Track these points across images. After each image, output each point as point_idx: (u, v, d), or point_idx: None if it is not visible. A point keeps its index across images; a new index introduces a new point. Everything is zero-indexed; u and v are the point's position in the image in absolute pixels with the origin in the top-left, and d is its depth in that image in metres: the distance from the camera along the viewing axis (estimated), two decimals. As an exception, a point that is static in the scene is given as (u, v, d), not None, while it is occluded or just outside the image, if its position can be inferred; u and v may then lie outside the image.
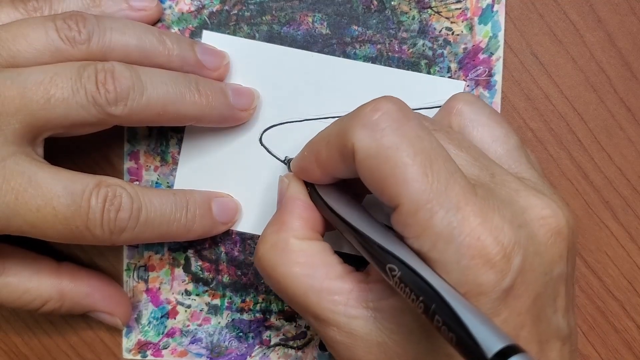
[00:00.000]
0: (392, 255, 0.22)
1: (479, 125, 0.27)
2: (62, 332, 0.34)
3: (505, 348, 0.17)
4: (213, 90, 0.29)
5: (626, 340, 0.34)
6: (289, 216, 0.26)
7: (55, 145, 0.29)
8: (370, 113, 0.22)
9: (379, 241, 0.22)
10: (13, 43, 0.26)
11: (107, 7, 0.29)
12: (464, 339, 0.18)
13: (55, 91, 0.25)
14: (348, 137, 0.22)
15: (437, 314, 0.19)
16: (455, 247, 0.21)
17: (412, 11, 0.32)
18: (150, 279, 0.33)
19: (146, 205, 0.27)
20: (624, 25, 0.32)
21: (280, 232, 0.26)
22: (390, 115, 0.22)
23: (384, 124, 0.22)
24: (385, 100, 0.23)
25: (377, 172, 0.22)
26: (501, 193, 0.23)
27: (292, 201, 0.27)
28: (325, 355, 0.33)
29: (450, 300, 0.19)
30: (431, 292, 0.19)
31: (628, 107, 0.32)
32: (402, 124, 0.22)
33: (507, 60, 0.32)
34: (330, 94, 0.32)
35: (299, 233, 0.26)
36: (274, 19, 0.32)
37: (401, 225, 0.22)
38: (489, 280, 0.21)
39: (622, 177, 0.33)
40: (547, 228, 0.23)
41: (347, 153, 0.23)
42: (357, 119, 0.23)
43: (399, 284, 0.21)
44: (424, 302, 0.19)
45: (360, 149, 0.22)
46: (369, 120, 0.22)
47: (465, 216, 0.21)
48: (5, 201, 0.25)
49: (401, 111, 0.22)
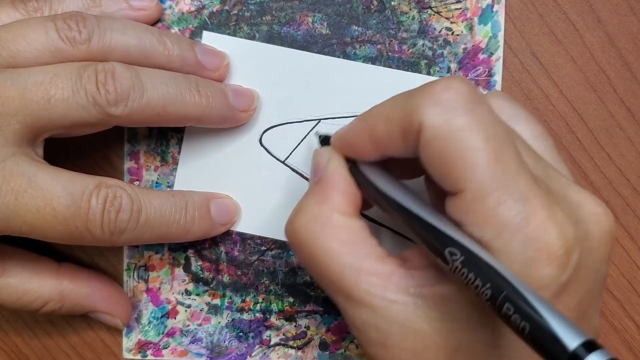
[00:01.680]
0: (451, 239, 0.21)
1: (520, 121, 0.26)
2: (62, 332, 0.34)
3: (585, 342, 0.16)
4: (213, 91, 0.29)
5: (626, 340, 0.34)
6: (332, 190, 0.25)
7: (55, 145, 0.29)
8: (442, 91, 0.21)
9: (436, 224, 0.22)
10: (13, 43, 0.26)
11: (107, 7, 0.29)
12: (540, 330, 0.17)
13: (55, 92, 0.25)
14: (415, 114, 0.21)
15: (507, 303, 0.18)
16: (521, 237, 0.20)
17: (412, 11, 0.32)
18: (150, 278, 0.33)
19: (146, 206, 0.27)
20: (623, 25, 0.32)
21: (322, 205, 0.25)
22: (463, 95, 0.21)
23: (456, 104, 0.21)
24: (457, 80, 0.22)
25: (445, 153, 0.21)
26: (555, 187, 0.23)
27: (335, 175, 0.25)
28: (325, 355, 0.33)
29: (522, 289, 0.18)
30: (500, 279, 0.19)
31: (628, 107, 0.32)
32: (475, 106, 0.21)
33: (507, 60, 0.32)
34: (330, 95, 0.32)
35: (342, 208, 0.24)
36: (274, 19, 0.32)
37: (462, 211, 0.21)
38: (550, 274, 0.20)
39: (622, 177, 0.33)
40: (601, 226, 0.23)
41: (411, 131, 0.22)
42: (427, 96, 0.22)
43: (459, 270, 0.20)
44: (491, 289, 0.19)
45: (428, 128, 0.21)
46: (441, 99, 0.21)
47: (533, 208, 0.20)
48: (5, 202, 0.25)
49: (474, 93, 0.22)
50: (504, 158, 0.21)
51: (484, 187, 0.20)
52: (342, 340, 0.33)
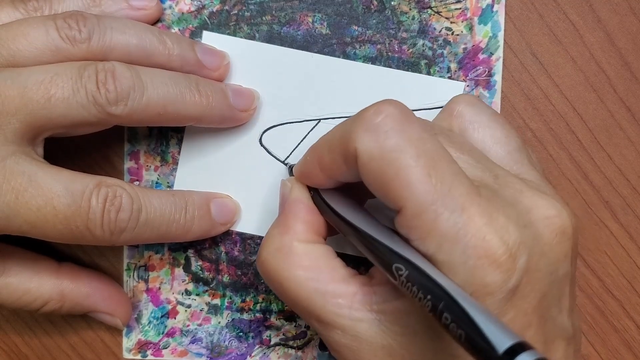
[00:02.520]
0: (398, 255, 0.21)
1: (480, 127, 0.27)
2: (62, 332, 0.34)
3: (515, 345, 0.17)
4: (213, 91, 0.29)
5: (626, 339, 0.34)
6: (293, 219, 0.26)
7: (55, 145, 0.29)
8: (372, 116, 0.22)
9: (384, 242, 0.22)
10: (13, 42, 0.26)
11: (107, 7, 0.29)
12: (473, 336, 0.18)
13: (55, 91, 0.25)
14: (350, 141, 0.22)
15: (445, 312, 0.19)
16: (461, 247, 0.21)
17: (412, 11, 0.32)
18: (150, 278, 0.33)
19: (146, 206, 0.27)
20: (623, 25, 0.32)
21: (283, 235, 0.26)
22: (393, 117, 0.22)
23: (386, 127, 0.22)
24: (387, 104, 0.23)
25: (380, 174, 0.22)
26: (505, 194, 0.23)
27: (295, 204, 0.26)
28: (325, 355, 0.33)
29: (458, 298, 0.19)
30: (439, 290, 0.19)
31: (628, 107, 0.32)
32: (404, 126, 0.22)
33: (507, 60, 0.32)
34: (330, 95, 0.32)
35: (302, 236, 0.26)
36: (274, 19, 0.32)
37: (406, 227, 0.22)
38: (496, 280, 0.21)
39: (622, 177, 0.33)
40: (552, 228, 0.23)
41: (349, 157, 0.23)
42: (359, 122, 0.22)
43: (405, 284, 0.21)
44: (431, 300, 0.19)
45: (363, 152, 0.22)
46: (372, 124, 0.22)
47: (470, 217, 0.21)
48: (6, 201, 0.25)
49: (403, 114, 0.22)
50: (436, 172, 0.21)
51: (420, 202, 0.21)
52: (342, 340, 0.33)
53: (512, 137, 0.27)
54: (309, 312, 0.25)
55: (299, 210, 0.26)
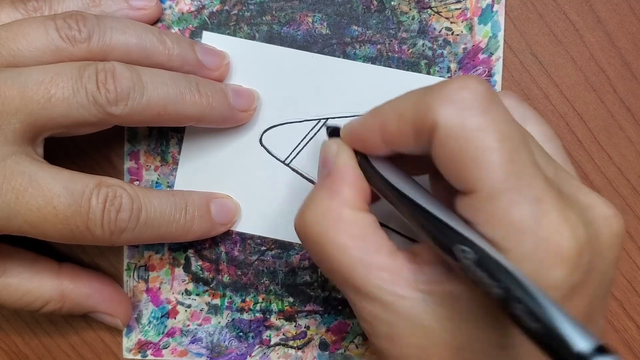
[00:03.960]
0: (462, 237, 0.20)
1: (531, 122, 0.26)
2: (62, 331, 0.34)
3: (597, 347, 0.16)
4: (213, 91, 0.29)
5: (626, 340, 0.34)
6: (342, 184, 0.25)
7: (55, 145, 0.29)
8: (457, 90, 0.21)
9: (447, 220, 0.21)
10: (13, 42, 0.26)
11: (107, 7, 0.30)
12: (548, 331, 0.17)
13: (55, 91, 0.25)
14: (429, 112, 0.21)
15: (517, 303, 0.18)
16: (533, 239, 0.20)
17: (412, 11, 0.32)
18: (150, 278, 0.33)
19: (146, 206, 0.27)
20: (623, 25, 0.32)
21: (332, 199, 0.24)
22: (479, 95, 0.21)
23: (471, 103, 0.21)
24: (473, 79, 0.21)
25: (459, 152, 0.21)
26: (566, 189, 0.22)
27: (343, 169, 0.25)
28: (325, 355, 0.33)
29: (533, 290, 0.18)
30: (511, 279, 0.19)
31: (628, 107, 0.32)
32: (490, 105, 0.21)
33: (507, 60, 0.32)
34: (330, 95, 0.32)
35: (352, 203, 0.24)
36: (274, 19, 0.32)
37: (474, 210, 0.21)
38: (561, 276, 0.20)
39: (622, 177, 0.33)
40: (611, 228, 0.22)
41: (424, 129, 0.22)
42: (442, 94, 0.21)
43: (470, 267, 0.20)
44: (501, 288, 0.19)
45: (443, 127, 0.21)
46: (456, 97, 0.21)
47: (547, 209, 0.20)
48: (6, 200, 0.25)
49: (489, 92, 0.21)
50: (518, 159, 0.21)
51: (497, 187, 0.20)
52: (342, 340, 0.33)
53: (557, 137, 0.26)
54: (348, 281, 0.24)
55: (348, 175, 0.25)
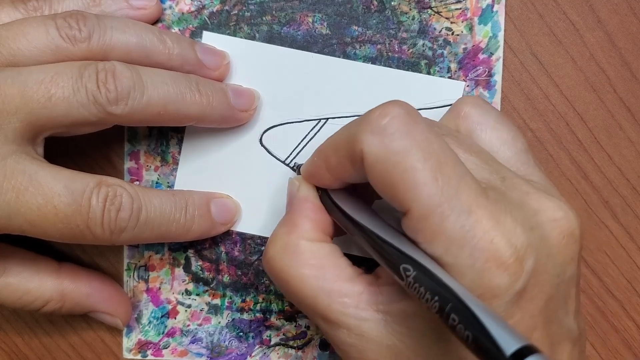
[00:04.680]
0: (405, 256, 0.21)
1: (487, 128, 0.27)
2: (62, 331, 0.34)
3: (522, 348, 0.17)
4: (214, 91, 0.29)
5: (626, 339, 0.34)
6: (300, 218, 0.26)
7: (55, 145, 0.29)
8: (378, 118, 0.22)
9: (392, 242, 0.22)
10: (13, 41, 0.26)
11: (107, 6, 0.30)
12: (481, 338, 0.18)
13: (56, 90, 0.25)
14: (357, 143, 0.22)
15: (452, 314, 0.19)
16: (468, 250, 0.21)
17: (412, 11, 0.32)
18: (150, 278, 0.33)
19: (146, 205, 0.27)
20: (623, 25, 0.32)
21: (291, 234, 0.26)
22: (399, 119, 0.22)
23: (392, 129, 0.22)
24: (393, 105, 0.22)
25: (387, 177, 0.22)
26: (512, 196, 0.23)
27: (302, 203, 0.26)
28: (325, 355, 0.33)
29: (466, 300, 0.19)
30: (446, 292, 0.19)
31: (628, 107, 0.32)
32: (410, 127, 0.22)
33: (507, 60, 0.32)
34: (330, 95, 0.32)
35: (309, 235, 0.26)
36: (274, 19, 0.32)
37: (412, 230, 0.22)
38: (503, 282, 0.21)
39: (622, 177, 0.33)
40: (560, 230, 0.23)
41: (356, 158, 0.23)
42: (365, 124, 0.22)
43: (412, 285, 0.21)
44: (438, 301, 0.19)
45: (369, 154, 0.22)
46: (378, 125, 0.22)
47: (477, 219, 0.21)
48: (6, 199, 0.25)
49: (409, 115, 0.22)
50: (442, 174, 0.21)
51: (427, 205, 0.21)
52: (342, 340, 0.33)
53: (518, 138, 0.27)
54: (314, 310, 0.25)
55: (306, 209, 0.26)
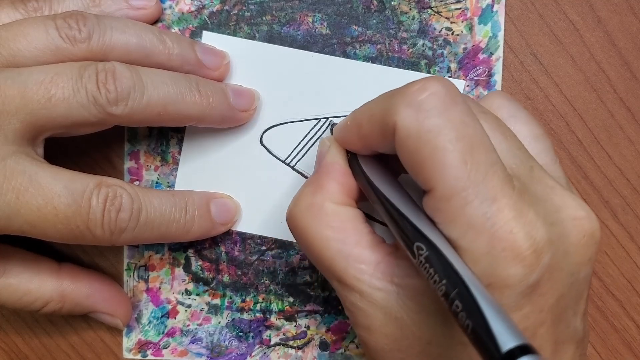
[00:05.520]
0: (421, 234, 0.21)
1: (519, 121, 0.26)
2: (62, 331, 0.34)
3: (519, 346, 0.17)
4: (214, 91, 0.29)
5: (626, 339, 0.34)
6: (327, 179, 0.26)
7: (55, 145, 0.29)
8: (416, 92, 0.22)
9: (410, 218, 0.22)
10: (13, 42, 0.26)
11: (107, 7, 0.30)
12: (480, 329, 0.18)
13: (56, 91, 0.25)
14: (391, 114, 0.22)
15: (457, 300, 0.19)
16: (486, 237, 0.20)
17: (412, 11, 0.32)
18: (150, 278, 0.33)
19: (146, 205, 0.27)
20: (623, 25, 0.32)
21: (316, 194, 0.26)
22: (438, 96, 0.21)
23: (429, 106, 0.21)
24: (433, 80, 0.22)
25: (416, 153, 0.21)
26: (537, 188, 0.23)
27: (330, 165, 0.26)
28: (325, 355, 0.33)
29: (473, 288, 0.19)
30: (455, 277, 0.19)
31: (628, 107, 0.32)
32: (448, 107, 0.21)
33: (507, 60, 0.32)
34: (330, 94, 0.32)
35: (335, 197, 0.25)
36: (274, 19, 0.32)
37: (432, 209, 0.21)
38: (516, 274, 0.21)
39: (622, 177, 0.33)
40: (580, 229, 0.23)
41: (388, 129, 0.22)
42: (402, 96, 0.22)
43: (423, 264, 0.21)
44: (445, 285, 0.19)
45: (401, 128, 0.22)
46: (415, 100, 0.21)
47: (500, 208, 0.21)
48: (6, 200, 0.25)
49: (449, 93, 0.22)
50: (473, 158, 0.21)
51: (451, 186, 0.21)
52: (342, 340, 0.33)
53: (546, 137, 0.27)
54: (331, 271, 0.25)
55: (334, 171, 0.26)
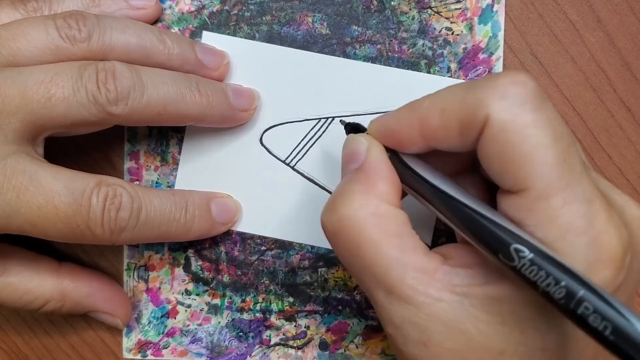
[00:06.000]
0: (518, 237, 0.20)
1: None
2: (62, 331, 0.34)
3: None
4: (213, 91, 0.29)
5: (626, 339, 0.34)
6: (378, 178, 0.24)
7: (55, 144, 0.29)
8: (510, 85, 0.21)
9: (497, 220, 0.20)
10: (13, 42, 0.26)
11: (107, 7, 0.30)
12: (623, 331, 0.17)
13: (56, 90, 0.25)
14: (481, 108, 0.21)
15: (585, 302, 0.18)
16: (586, 240, 0.20)
17: (412, 11, 0.32)
18: (150, 278, 0.33)
19: (146, 205, 0.27)
20: (623, 25, 0.32)
21: (369, 193, 0.23)
22: (531, 91, 0.21)
23: (523, 99, 0.20)
24: (523, 75, 0.21)
25: (511, 148, 0.20)
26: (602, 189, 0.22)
27: (378, 163, 0.24)
28: (325, 355, 0.33)
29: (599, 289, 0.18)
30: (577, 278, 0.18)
31: (628, 107, 0.32)
32: (542, 103, 0.21)
33: (507, 60, 0.32)
34: (330, 94, 0.32)
35: (389, 198, 0.23)
36: (274, 19, 0.32)
37: (524, 210, 0.20)
38: (609, 276, 0.20)
39: (622, 177, 0.33)
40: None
41: (473, 124, 0.21)
42: (492, 89, 0.21)
43: (528, 267, 0.19)
44: (566, 287, 0.18)
45: (496, 122, 0.20)
46: (509, 92, 0.21)
47: (597, 210, 0.20)
48: (7, 199, 0.25)
49: (540, 89, 0.21)
50: (569, 158, 0.20)
51: (551, 186, 0.20)
52: (342, 340, 0.33)
53: None
54: (381, 281, 0.22)
55: (383, 170, 0.24)
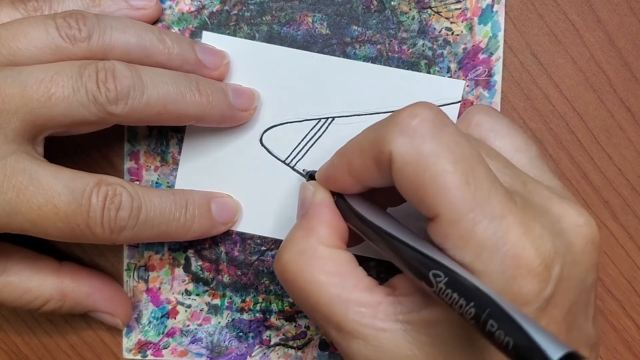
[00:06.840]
0: (435, 262, 0.21)
1: (500, 135, 0.26)
2: (62, 331, 0.34)
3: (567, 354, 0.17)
4: (213, 90, 0.29)
5: (625, 339, 0.34)
6: (317, 223, 0.25)
7: (55, 144, 0.29)
8: (407, 119, 0.22)
9: (419, 248, 0.22)
10: (13, 41, 0.26)
11: (107, 7, 0.30)
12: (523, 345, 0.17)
13: (55, 90, 0.25)
14: (385, 144, 0.22)
15: (491, 320, 0.18)
16: (500, 257, 0.20)
17: (412, 11, 0.32)
18: (150, 278, 0.33)
19: (146, 204, 0.27)
20: (623, 25, 0.32)
21: (308, 238, 0.25)
22: (429, 121, 0.22)
23: (423, 130, 0.21)
24: (421, 106, 0.22)
25: (416, 180, 0.21)
26: (535, 201, 0.23)
27: (319, 208, 0.26)
28: (325, 355, 0.33)
29: (505, 307, 0.19)
30: (484, 298, 0.19)
31: (628, 107, 0.33)
32: (441, 130, 0.21)
33: (507, 60, 0.32)
34: (330, 94, 0.32)
35: (327, 240, 0.25)
36: (274, 19, 0.32)
37: (441, 235, 0.21)
38: (532, 290, 0.21)
39: (622, 177, 0.33)
40: (583, 236, 0.23)
41: (383, 161, 0.22)
42: (394, 125, 0.22)
43: (443, 291, 0.20)
44: (475, 307, 0.19)
45: (398, 156, 0.22)
46: (407, 127, 0.22)
47: (509, 225, 0.21)
48: (7, 199, 0.25)
49: (439, 117, 0.22)
50: (474, 178, 0.21)
51: (458, 209, 0.21)
52: (342, 340, 0.33)
53: (531, 144, 0.27)
54: (328, 319, 0.24)
55: (324, 214, 0.26)
